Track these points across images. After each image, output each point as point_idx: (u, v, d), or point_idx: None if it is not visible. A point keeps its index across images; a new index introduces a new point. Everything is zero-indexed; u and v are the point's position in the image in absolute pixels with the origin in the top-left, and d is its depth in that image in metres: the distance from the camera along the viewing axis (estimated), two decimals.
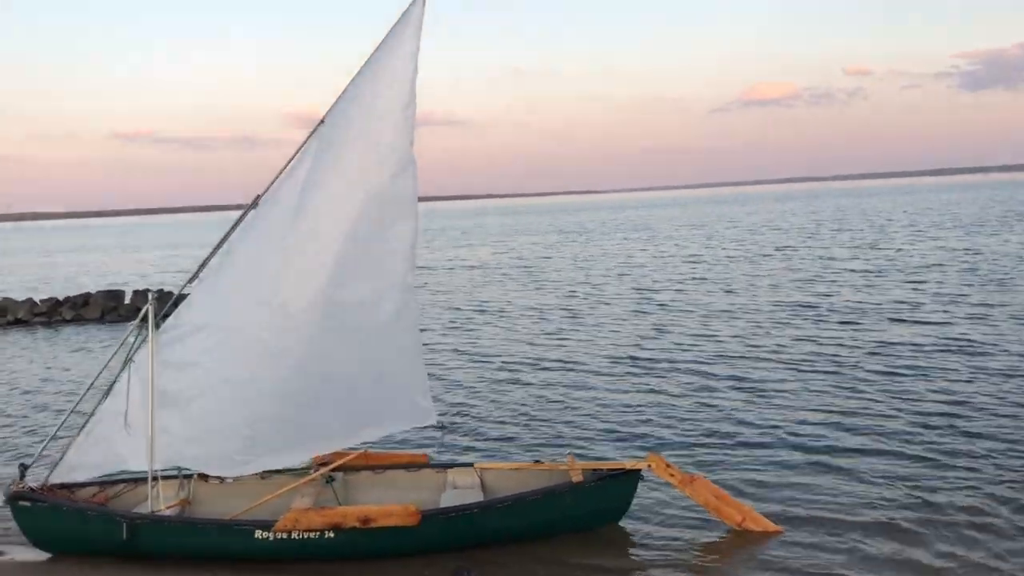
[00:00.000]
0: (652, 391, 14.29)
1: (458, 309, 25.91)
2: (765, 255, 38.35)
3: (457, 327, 22.35)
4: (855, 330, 18.55)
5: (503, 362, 17.35)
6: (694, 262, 36.85)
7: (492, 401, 14.20)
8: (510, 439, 12.00)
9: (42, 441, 9.55)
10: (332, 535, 7.98)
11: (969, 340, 16.77)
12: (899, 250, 36.73)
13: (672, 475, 8.66)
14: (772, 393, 13.66)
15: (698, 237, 55.02)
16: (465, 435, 12.20)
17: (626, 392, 14.34)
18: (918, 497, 9.11)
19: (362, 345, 8.55)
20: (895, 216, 66.69)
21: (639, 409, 13.21)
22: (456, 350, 18.80)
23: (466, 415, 13.29)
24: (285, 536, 7.95)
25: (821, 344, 17.23)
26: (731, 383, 14.50)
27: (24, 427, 14.05)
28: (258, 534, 7.99)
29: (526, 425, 12.67)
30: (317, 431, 8.59)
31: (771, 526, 8.47)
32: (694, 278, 30.59)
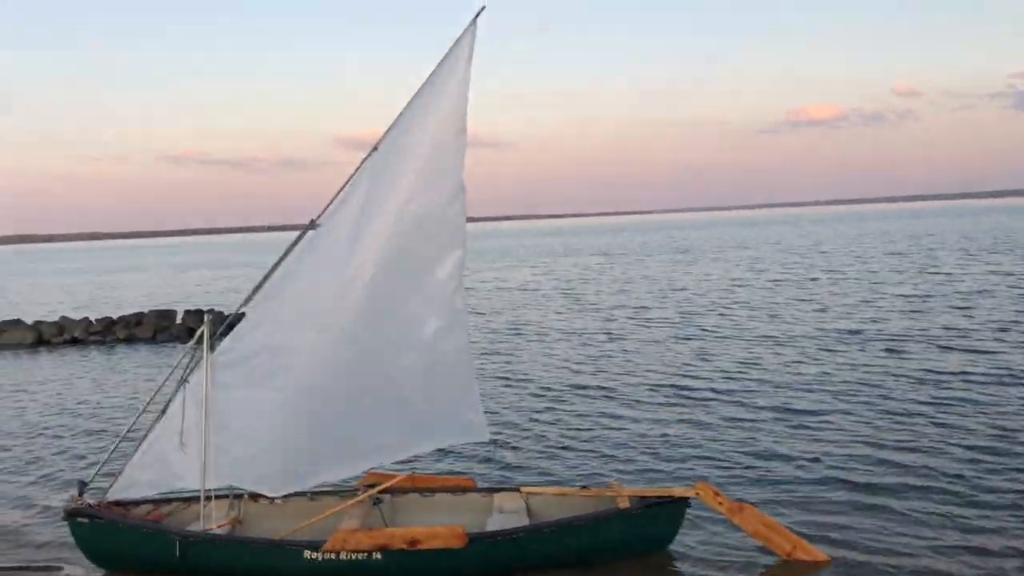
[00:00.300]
0: (696, 419, 14.17)
1: (496, 331, 26.01)
2: (812, 279, 37.89)
3: (496, 350, 22.43)
4: (901, 358, 18.22)
5: (543, 386, 17.36)
6: (738, 285, 36.56)
7: (533, 424, 14.23)
8: (553, 462, 12.03)
9: (100, 459, 9.81)
10: (379, 557, 8.08)
11: (1022, 370, 16.39)
12: (949, 274, 36.04)
13: (720, 503, 8.60)
14: (818, 423, 13.46)
15: (743, 259, 54.57)
16: (508, 458, 12.24)
17: (669, 419, 14.26)
18: (964, 534, 8.90)
19: (416, 364, 8.77)
20: (946, 239, 65.43)
21: (683, 436, 13.14)
22: (497, 376, 18.79)
23: (508, 438, 13.34)
24: (333, 557, 8.07)
25: (868, 372, 16.96)
26: (776, 411, 14.34)
27: (83, 445, 14.41)
28: (307, 554, 8.12)
29: (569, 448, 12.70)
30: (373, 444, 8.81)
31: (821, 556, 8.38)
32: (738, 302, 30.32)
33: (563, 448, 12.76)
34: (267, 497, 9.17)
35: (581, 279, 45.47)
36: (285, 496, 9.18)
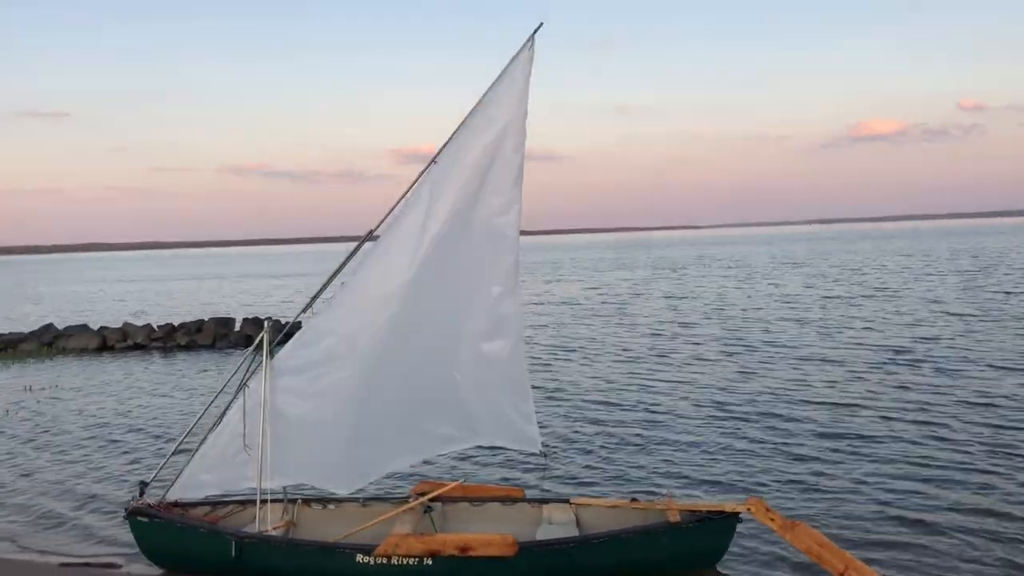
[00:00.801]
0: (747, 435, 14.03)
1: (545, 344, 26.05)
2: (866, 296, 37.14)
3: (545, 362, 22.46)
4: (955, 379, 17.75)
5: (590, 399, 17.34)
6: (790, 303, 35.93)
7: (582, 436, 14.23)
8: (603, 474, 12.02)
9: (160, 461, 10.10)
10: (430, 562, 8.17)
11: None
12: (1008, 293, 35.00)
13: (772, 519, 8.49)
14: (871, 443, 13.19)
15: (797, 276, 53.70)
16: (558, 470, 12.23)
17: (720, 434, 14.14)
18: (1017, 560, 8.68)
19: (468, 369, 9.09)
20: (1009, 258, 63.49)
21: (735, 451, 13.03)
22: (546, 387, 18.71)
23: (558, 449, 13.33)
24: (385, 561, 8.18)
25: (921, 393, 16.57)
26: (828, 430, 14.11)
27: (144, 447, 14.84)
28: (359, 558, 8.24)
29: (619, 461, 12.67)
30: (433, 436, 9.23)
31: (874, 575, 8.22)
32: (787, 319, 29.82)
33: (613, 461, 12.73)
34: (320, 502, 9.47)
35: (632, 293, 45.33)
36: (338, 502, 9.47)
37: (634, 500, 9.32)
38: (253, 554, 8.48)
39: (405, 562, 8.18)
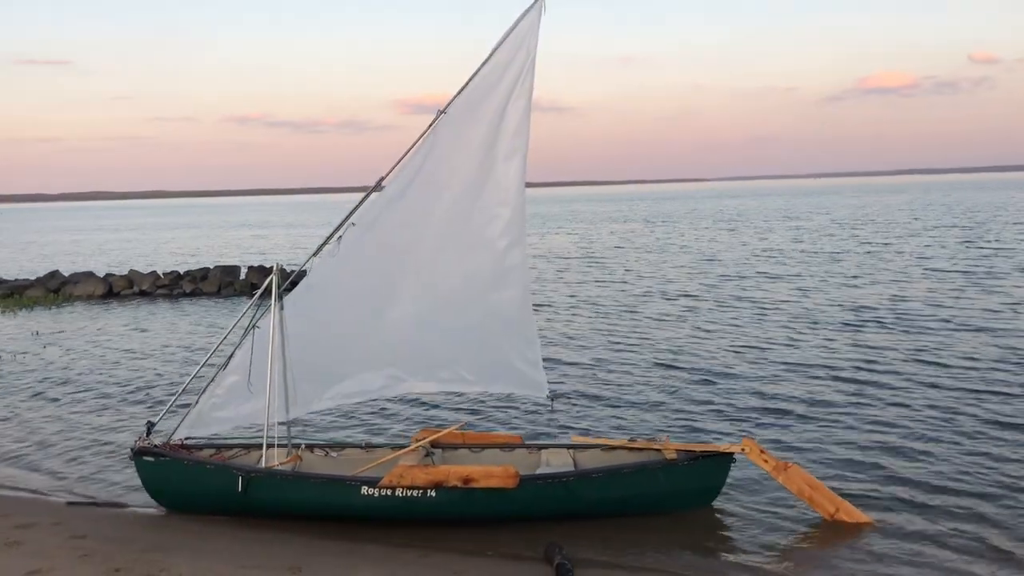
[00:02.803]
0: (743, 379, 14.34)
1: (541, 295, 26.17)
2: (850, 251, 36.42)
3: (542, 312, 22.62)
4: (942, 332, 17.88)
5: (587, 348, 17.56)
6: (770, 257, 35.30)
7: (581, 384, 14.44)
8: (602, 421, 12.24)
9: (167, 402, 10.29)
10: (433, 494, 8.41)
11: None
12: (993, 252, 34.31)
13: (766, 461, 8.72)
14: (867, 388, 13.46)
15: (788, 230, 53.21)
16: (558, 418, 12.42)
17: (715, 379, 14.43)
18: (1012, 503, 8.87)
19: (474, 315, 9.34)
20: (1007, 212, 63.05)
21: (731, 396, 13.29)
22: (545, 336, 18.96)
23: (559, 397, 13.54)
24: (389, 493, 8.42)
25: (908, 343, 16.77)
26: (825, 374, 14.40)
27: (150, 390, 15.09)
28: (364, 490, 8.49)
29: (618, 406, 12.92)
30: (445, 370, 9.48)
31: (864, 517, 8.44)
32: (760, 273, 29.59)
33: (612, 406, 12.97)
34: (323, 447, 9.76)
35: (614, 246, 45.21)
36: (341, 447, 9.81)
37: (632, 440, 9.55)
38: (260, 488, 8.70)
39: (409, 494, 8.42)
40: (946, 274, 27.09)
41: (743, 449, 8.71)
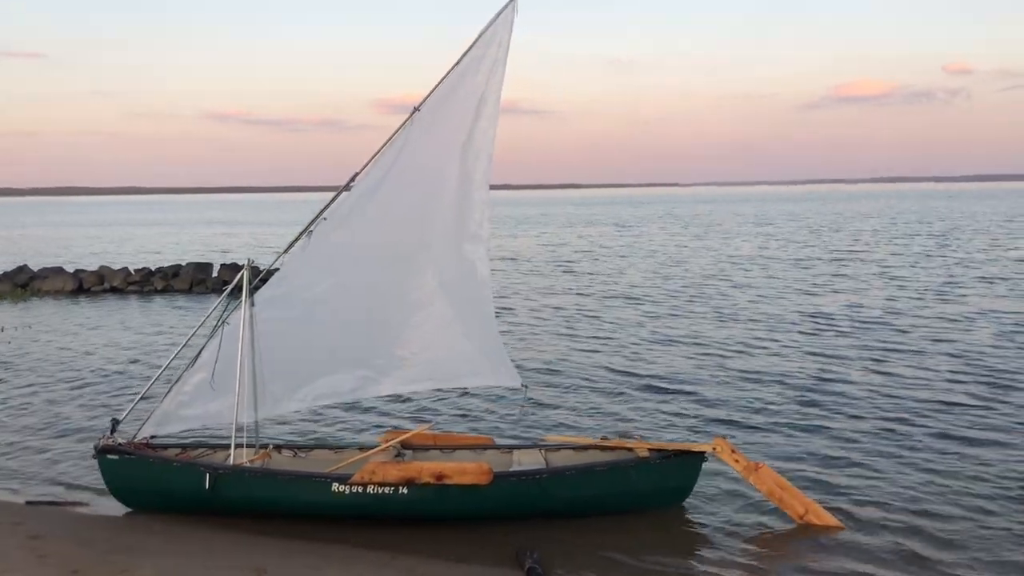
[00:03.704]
0: (716, 379, 14.43)
1: (513, 294, 26.13)
2: (815, 258, 36.51)
3: (514, 310, 22.58)
4: (902, 330, 18.24)
5: (554, 349, 17.54)
6: (735, 263, 35.25)
7: (549, 387, 14.36)
8: (574, 422, 12.19)
9: (133, 399, 10.09)
10: (405, 491, 8.31)
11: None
12: (930, 256, 34.94)
13: (737, 460, 8.73)
14: (838, 392, 13.52)
15: (757, 236, 53.33)
16: (529, 419, 12.35)
17: (689, 379, 14.49)
18: (982, 505, 8.93)
19: (435, 310, 9.41)
20: (975, 222, 63.78)
21: (705, 397, 13.34)
22: (512, 335, 18.95)
23: (530, 397, 13.46)
24: (361, 490, 8.32)
25: (870, 346, 17.03)
26: (798, 378, 14.47)
27: (116, 388, 14.84)
28: (336, 487, 8.37)
29: (590, 407, 12.89)
30: (408, 376, 9.49)
31: (833, 521, 8.45)
32: (725, 280, 29.73)
33: (578, 410, 12.89)
34: (291, 448, 9.64)
35: (594, 247, 45.49)
36: (309, 448, 9.69)
37: (604, 439, 9.56)
38: (228, 486, 8.54)
39: (381, 491, 8.32)
40: (907, 282, 27.32)
41: (715, 448, 8.71)
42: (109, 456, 8.84)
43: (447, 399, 13.10)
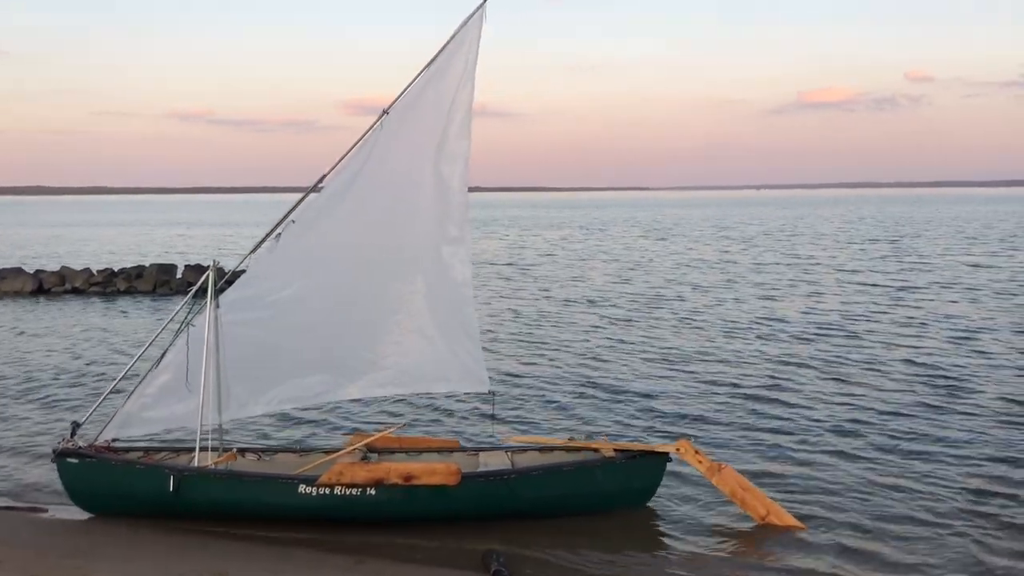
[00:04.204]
0: (682, 382, 14.56)
1: (482, 297, 26.20)
2: (774, 263, 36.88)
3: (484, 313, 22.60)
4: (866, 338, 18.51)
5: (523, 351, 17.63)
6: (694, 267, 35.54)
7: (517, 389, 14.38)
8: (541, 423, 12.24)
9: (94, 402, 9.93)
10: (373, 492, 8.28)
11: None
12: (886, 257, 35.43)
13: (700, 462, 8.82)
14: (801, 394, 13.72)
15: (718, 240, 53.89)
16: (496, 420, 12.33)
17: (653, 381, 14.61)
18: (943, 509, 9.05)
19: (427, 319, 9.33)
20: (932, 227, 64.86)
21: (669, 399, 13.44)
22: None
23: (497, 400, 13.44)
24: (328, 492, 8.26)
25: (835, 347, 17.43)
26: (765, 381, 14.63)
27: (77, 391, 14.61)
28: (302, 488, 8.31)
29: (558, 408, 12.98)
30: (380, 375, 9.37)
31: (793, 521, 8.55)
32: (685, 283, 29.86)
33: (539, 414, 12.89)
34: (256, 451, 9.53)
35: (544, 253, 45.20)
36: (274, 451, 9.64)
37: (570, 439, 9.63)
38: (192, 488, 8.42)
39: (348, 492, 8.27)
40: (864, 287, 27.70)
41: (678, 449, 8.80)
42: (69, 459, 8.66)
43: (413, 401, 13.04)
